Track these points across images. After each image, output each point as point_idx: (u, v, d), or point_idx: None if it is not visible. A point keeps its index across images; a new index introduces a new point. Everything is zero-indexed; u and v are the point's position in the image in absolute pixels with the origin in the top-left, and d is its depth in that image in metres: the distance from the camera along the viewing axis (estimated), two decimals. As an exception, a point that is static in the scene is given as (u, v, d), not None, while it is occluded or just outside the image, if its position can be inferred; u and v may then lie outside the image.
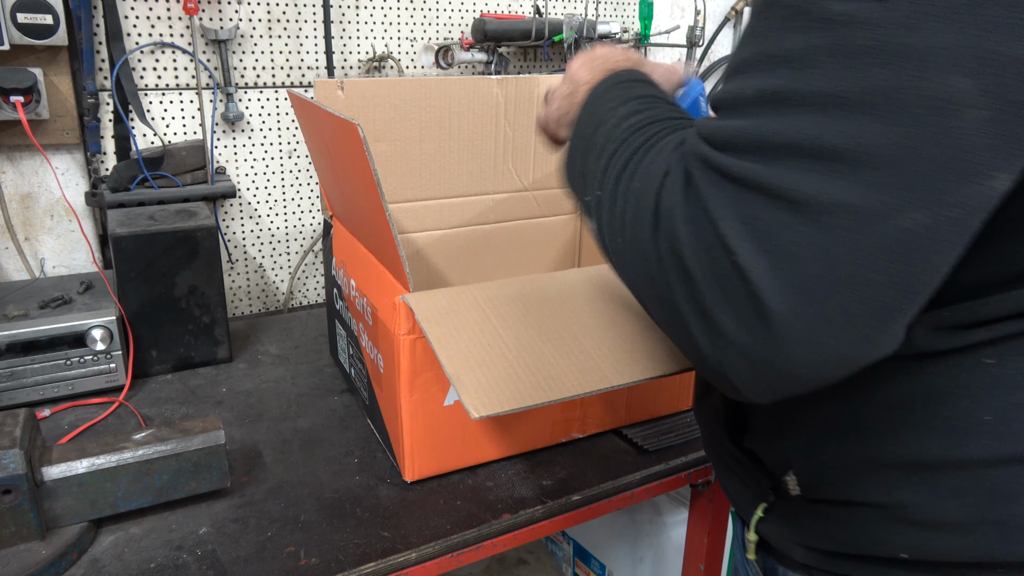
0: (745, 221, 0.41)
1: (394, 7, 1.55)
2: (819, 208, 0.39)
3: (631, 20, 1.84)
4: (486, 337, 0.80)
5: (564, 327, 0.83)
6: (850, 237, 0.39)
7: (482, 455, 0.99)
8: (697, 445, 1.06)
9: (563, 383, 0.76)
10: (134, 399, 1.16)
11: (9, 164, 1.32)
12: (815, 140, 0.39)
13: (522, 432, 1.01)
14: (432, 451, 0.94)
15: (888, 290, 0.40)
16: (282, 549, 0.84)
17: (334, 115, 0.84)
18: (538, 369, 0.77)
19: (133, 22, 1.33)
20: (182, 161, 1.37)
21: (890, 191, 0.38)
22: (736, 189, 0.42)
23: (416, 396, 0.90)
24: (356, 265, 1.03)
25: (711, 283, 0.43)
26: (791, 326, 0.41)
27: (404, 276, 0.85)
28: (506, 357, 0.78)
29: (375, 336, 0.96)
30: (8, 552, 0.79)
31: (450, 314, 0.82)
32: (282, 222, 1.57)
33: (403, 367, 0.88)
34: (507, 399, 0.73)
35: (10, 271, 1.36)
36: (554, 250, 1.42)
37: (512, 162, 1.31)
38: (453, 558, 0.87)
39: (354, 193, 0.94)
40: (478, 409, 0.71)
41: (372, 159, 0.78)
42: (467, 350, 0.78)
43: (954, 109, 0.37)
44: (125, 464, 0.85)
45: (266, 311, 1.60)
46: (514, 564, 1.76)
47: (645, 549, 1.36)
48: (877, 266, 0.39)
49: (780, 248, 0.40)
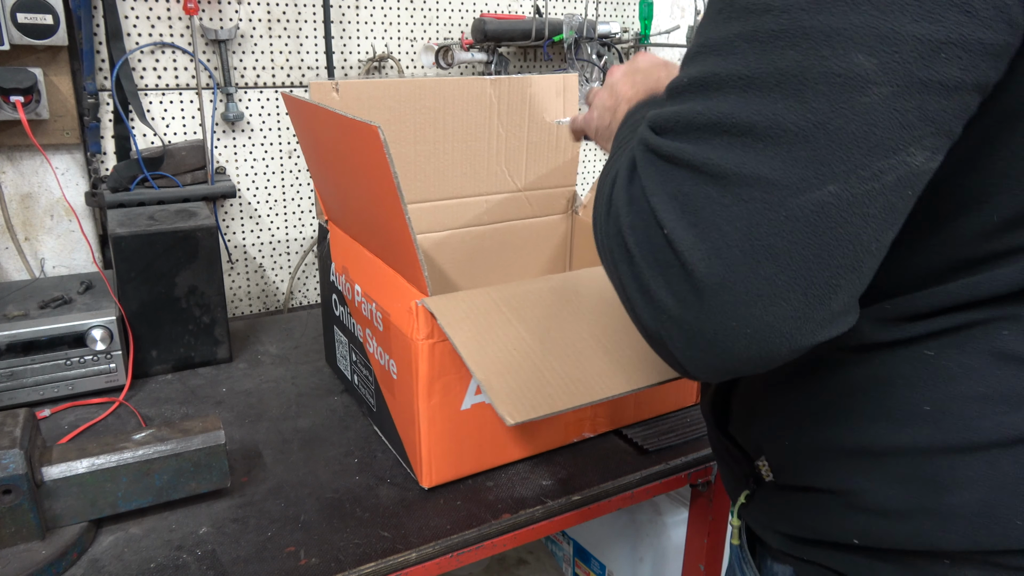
0: (673, 196, 0.43)
1: (394, 7, 1.55)
2: (738, 181, 0.41)
3: (631, 20, 1.84)
4: (511, 341, 0.79)
5: (585, 328, 0.83)
6: (769, 209, 0.40)
7: (498, 458, 0.98)
8: (697, 445, 1.06)
9: (591, 386, 0.76)
10: (134, 399, 1.16)
11: (9, 164, 1.32)
12: (733, 118, 0.41)
13: (539, 434, 1.00)
14: (449, 456, 0.93)
15: (813, 263, 0.41)
16: (282, 549, 0.84)
17: (349, 118, 0.81)
18: (565, 372, 0.77)
19: (133, 22, 1.33)
20: (182, 161, 1.37)
21: (803, 165, 0.40)
22: (667, 167, 0.44)
23: (434, 401, 0.89)
24: (360, 270, 1.02)
25: (648, 258, 0.45)
26: (719, 297, 0.42)
27: (422, 280, 0.83)
28: (532, 361, 0.77)
29: (386, 342, 0.95)
30: (8, 552, 0.79)
31: (471, 317, 0.81)
32: (282, 222, 1.57)
33: (421, 372, 0.87)
34: (540, 404, 0.73)
35: (10, 271, 1.36)
36: (547, 250, 1.43)
37: (505, 163, 1.31)
38: (453, 558, 0.87)
39: (361, 197, 0.93)
40: (513, 416, 0.70)
41: (392, 162, 0.77)
42: (494, 355, 0.77)
43: (857, 86, 0.39)
44: (125, 464, 0.85)
45: (266, 311, 1.60)
46: (514, 564, 1.76)
47: (645, 549, 1.36)
48: (797, 238, 0.40)
49: (705, 220, 0.42)
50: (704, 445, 1.06)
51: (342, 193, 1.01)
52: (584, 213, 1.39)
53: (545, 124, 1.31)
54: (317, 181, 1.12)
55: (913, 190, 0.41)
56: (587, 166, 1.93)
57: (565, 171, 1.37)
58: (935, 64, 0.39)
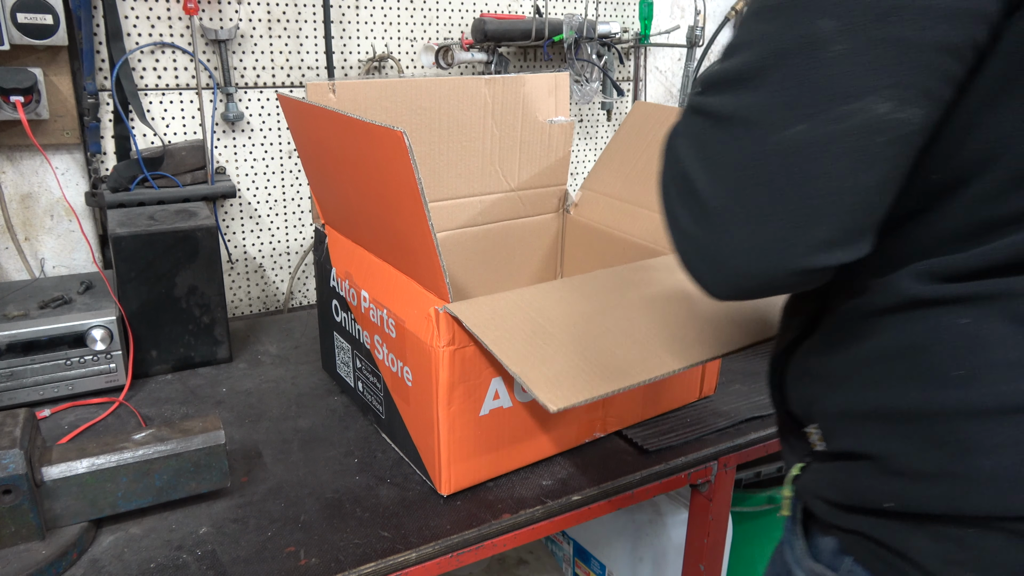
0: (690, 136, 0.55)
1: (394, 7, 1.55)
2: (730, 121, 0.51)
3: (631, 20, 1.84)
4: (539, 337, 0.80)
5: (611, 321, 0.84)
6: (754, 144, 0.50)
7: (514, 462, 0.98)
8: (697, 445, 1.06)
9: (626, 372, 0.77)
10: (134, 399, 1.16)
11: (9, 164, 1.32)
12: (732, 73, 0.52)
13: (553, 435, 1.00)
14: (467, 462, 0.92)
15: (791, 192, 0.49)
16: (282, 549, 0.84)
17: (373, 124, 0.79)
18: (598, 360, 0.78)
19: (133, 22, 1.33)
20: (182, 161, 1.37)
21: (779, 109, 0.49)
22: (691, 115, 0.55)
23: (454, 408, 0.88)
24: (367, 276, 1.01)
25: (673, 189, 0.56)
26: (722, 217, 0.52)
27: (443, 286, 0.83)
28: (564, 352, 0.79)
29: (400, 349, 0.93)
30: (8, 552, 0.79)
31: (496, 319, 0.82)
32: (282, 222, 1.57)
33: (442, 380, 0.86)
34: (580, 390, 0.74)
35: (10, 271, 1.36)
36: (540, 249, 1.43)
37: (499, 163, 1.30)
38: (453, 558, 0.87)
39: (372, 202, 0.91)
40: (555, 402, 0.71)
41: (417, 168, 0.76)
42: (524, 349, 0.78)
43: (821, 43, 0.47)
44: (125, 464, 0.85)
45: (266, 311, 1.60)
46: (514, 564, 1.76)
47: (645, 549, 1.36)
48: (777, 169, 0.49)
49: (711, 156, 0.52)
50: (704, 445, 1.07)
51: (346, 198, 1.00)
52: (575, 212, 1.39)
53: (538, 123, 1.31)
54: (315, 185, 1.11)
55: (885, 137, 0.48)
56: (578, 166, 1.93)
57: (556, 170, 1.37)
58: (887, 25, 0.46)
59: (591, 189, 1.37)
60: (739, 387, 1.23)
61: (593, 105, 1.88)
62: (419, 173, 0.77)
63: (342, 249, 1.08)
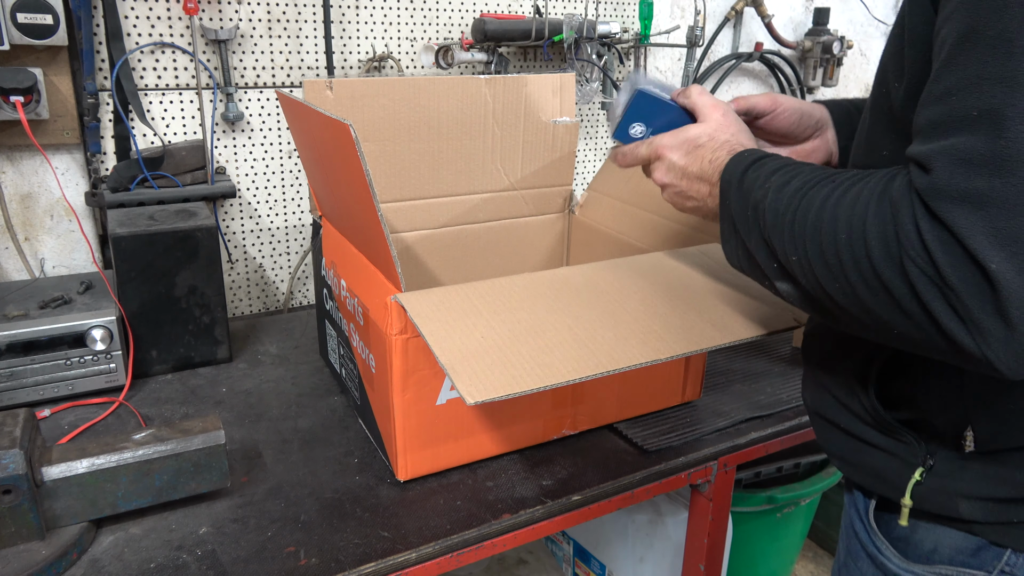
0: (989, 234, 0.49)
1: (394, 7, 1.55)
2: None
3: (631, 20, 1.84)
4: (480, 331, 0.80)
5: (559, 319, 0.84)
6: None
7: (475, 453, 0.99)
8: (697, 445, 1.06)
9: (558, 369, 0.77)
10: (134, 399, 1.16)
11: (9, 164, 1.32)
12: None
13: (514, 429, 1.01)
14: (424, 450, 0.94)
15: None
16: (282, 549, 0.84)
17: (324, 115, 0.84)
18: (532, 357, 0.78)
19: (133, 22, 1.33)
20: (182, 161, 1.37)
21: None
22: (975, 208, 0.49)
23: (408, 396, 0.91)
24: (346, 265, 1.03)
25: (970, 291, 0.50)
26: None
27: (396, 276, 0.85)
28: (500, 348, 0.78)
29: (366, 336, 0.96)
30: (8, 552, 0.79)
31: (443, 311, 0.83)
32: (282, 222, 1.57)
33: (395, 367, 0.89)
34: (502, 385, 0.74)
35: (10, 271, 1.36)
36: (543, 249, 1.43)
37: (500, 161, 1.31)
38: (453, 558, 0.87)
39: (344, 193, 0.94)
40: (473, 395, 0.72)
41: (364, 159, 0.78)
42: (461, 343, 0.78)
43: None
44: (125, 464, 0.85)
45: (266, 311, 1.60)
46: (514, 564, 1.76)
47: (645, 549, 1.36)
48: None
49: None
50: (704, 445, 1.06)
51: (329, 189, 1.03)
52: (580, 212, 1.39)
53: (541, 123, 1.31)
54: (311, 178, 1.13)
55: None
56: (584, 166, 1.93)
57: (561, 170, 1.37)
58: None
59: (597, 190, 1.37)
60: (739, 387, 1.23)
61: (593, 105, 1.88)
62: (367, 165, 0.78)
63: (331, 240, 1.10)
